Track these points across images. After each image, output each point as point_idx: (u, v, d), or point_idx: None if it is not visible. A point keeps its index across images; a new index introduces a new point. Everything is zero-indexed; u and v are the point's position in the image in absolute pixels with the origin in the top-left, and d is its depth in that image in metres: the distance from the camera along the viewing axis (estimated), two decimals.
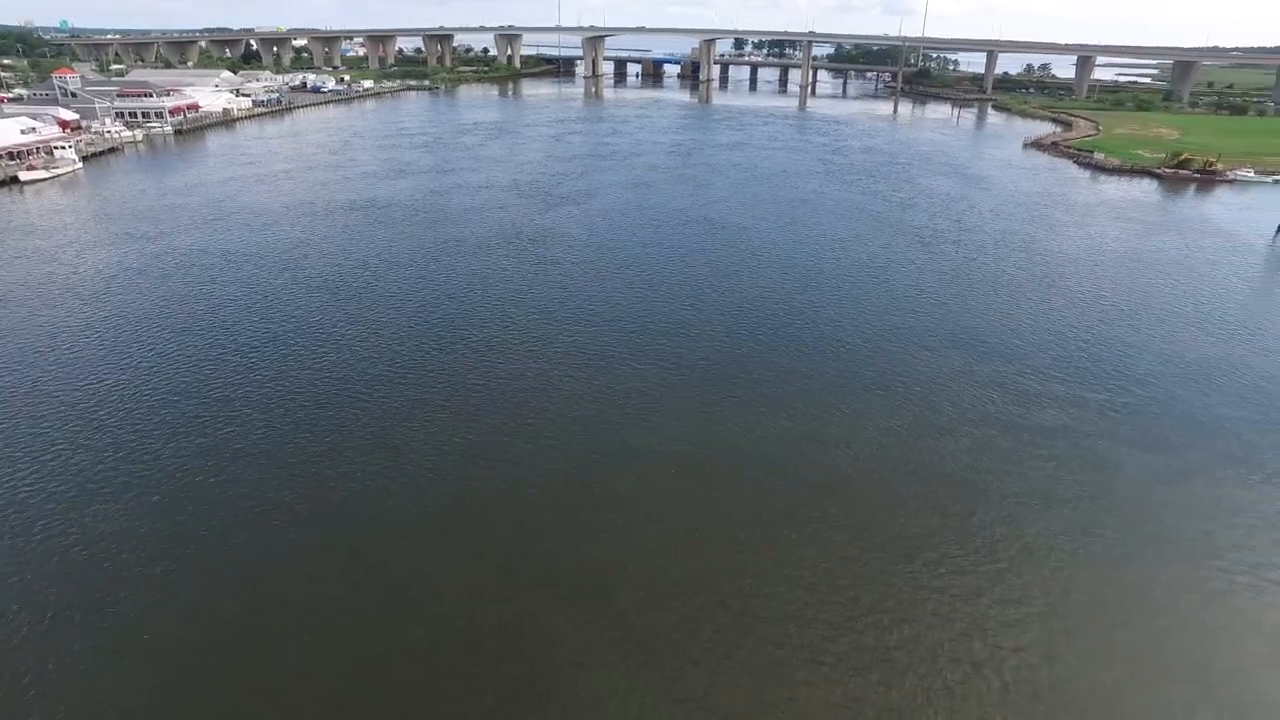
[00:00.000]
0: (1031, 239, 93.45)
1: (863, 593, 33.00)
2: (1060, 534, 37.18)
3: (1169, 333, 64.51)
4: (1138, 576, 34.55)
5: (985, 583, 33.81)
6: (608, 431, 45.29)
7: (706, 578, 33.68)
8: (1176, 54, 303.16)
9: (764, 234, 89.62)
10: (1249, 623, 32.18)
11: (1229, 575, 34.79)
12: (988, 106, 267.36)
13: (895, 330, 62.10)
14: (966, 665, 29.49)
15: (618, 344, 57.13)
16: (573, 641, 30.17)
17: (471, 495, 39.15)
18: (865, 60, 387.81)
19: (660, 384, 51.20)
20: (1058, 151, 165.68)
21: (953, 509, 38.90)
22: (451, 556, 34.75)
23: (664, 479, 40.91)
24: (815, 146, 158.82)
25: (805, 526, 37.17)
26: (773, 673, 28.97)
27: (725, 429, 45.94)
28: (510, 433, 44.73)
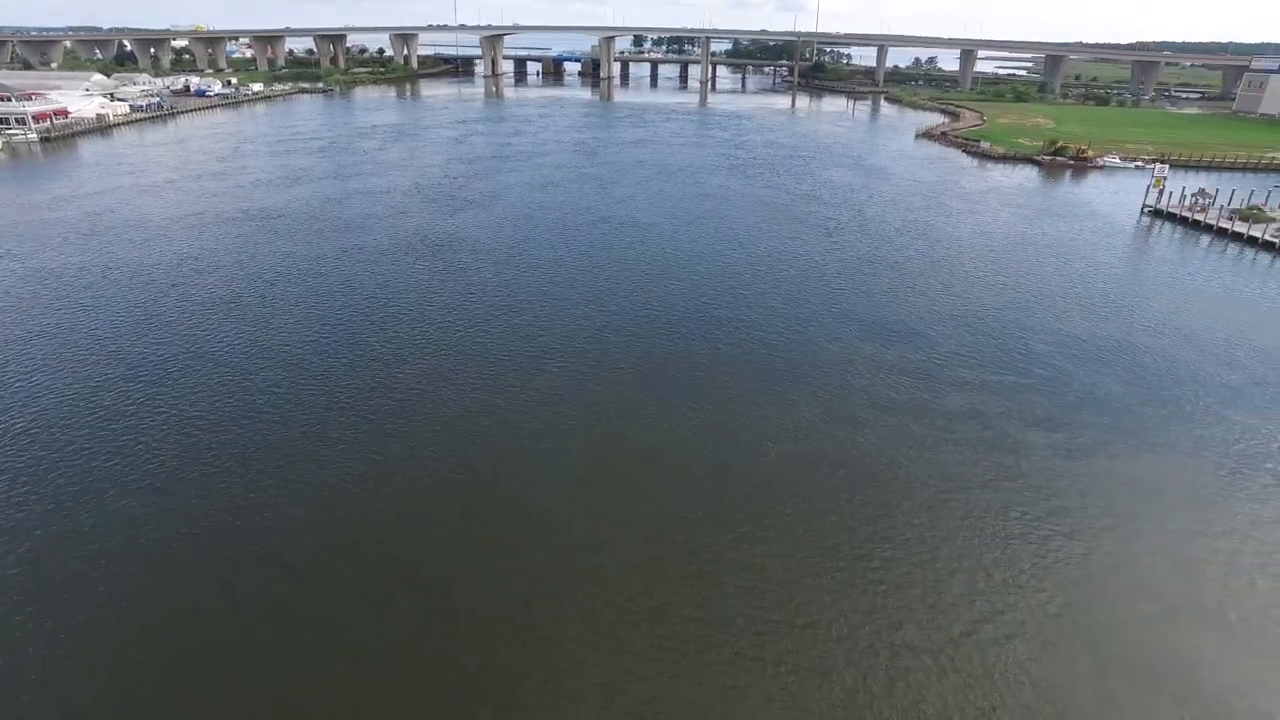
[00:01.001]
0: (930, 226, 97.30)
1: (794, 589, 33.30)
2: (979, 516, 38.43)
3: (1061, 313, 68.16)
4: (1051, 551, 36.10)
5: (915, 570, 34.63)
6: (521, 438, 44.48)
7: (630, 585, 33.41)
8: (1047, 49, 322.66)
9: (672, 231, 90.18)
10: (1147, 587, 34.08)
11: (1129, 544, 36.78)
12: (880, 99, 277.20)
13: (805, 322, 63.37)
14: (905, 654, 30.06)
15: (529, 348, 56.23)
16: (492, 669, 29.46)
17: (384, 512, 37.79)
18: (762, 55, 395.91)
19: (575, 387, 50.66)
20: (947, 141, 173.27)
21: (874, 499, 39.72)
22: (363, 576, 33.43)
23: (580, 485, 40.39)
24: (718, 141, 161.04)
25: (728, 526, 37.25)
26: (711, 677, 28.93)
27: (642, 431, 45.74)
28: (422, 444, 43.41)
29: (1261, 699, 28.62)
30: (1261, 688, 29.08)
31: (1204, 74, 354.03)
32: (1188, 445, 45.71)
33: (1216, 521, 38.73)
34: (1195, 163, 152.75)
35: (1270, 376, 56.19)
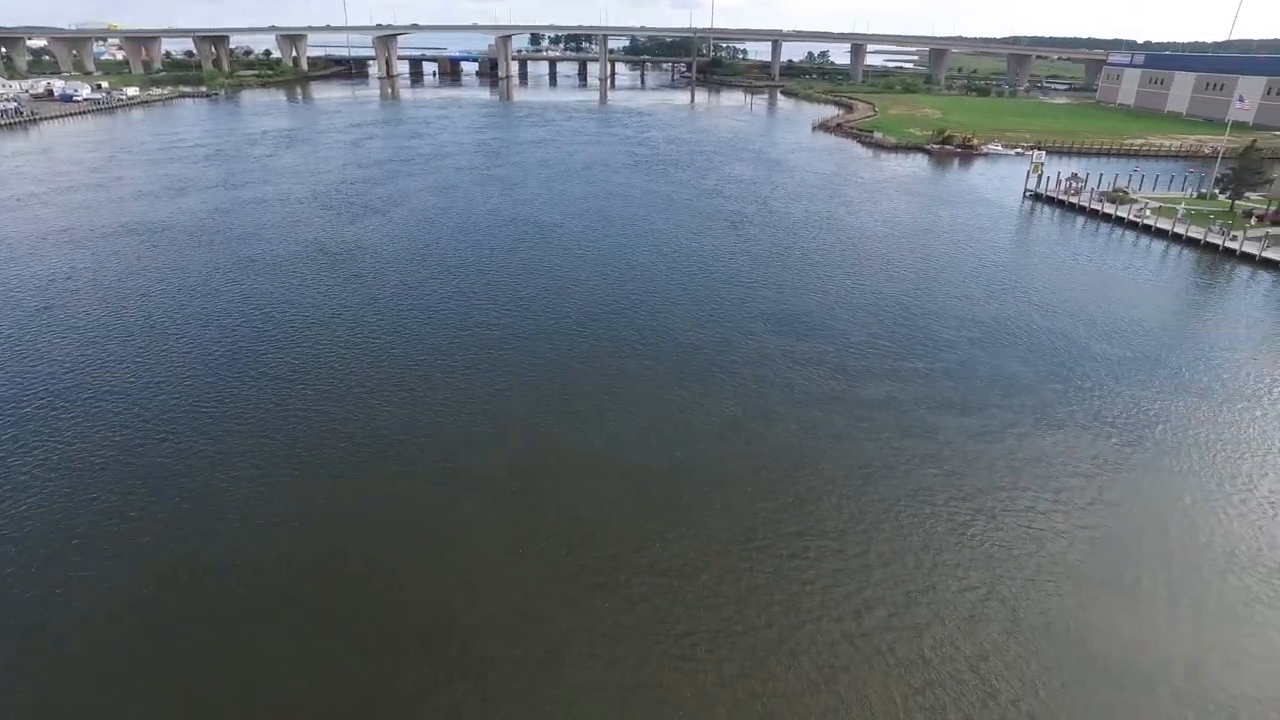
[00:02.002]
0: (833, 217, 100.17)
1: (723, 586, 33.54)
2: (901, 503, 39.51)
3: (962, 296, 71.28)
4: (970, 532, 37.55)
5: (843, 560, 35.35)
6: (436, 452, 43.38)
7: (555, 595, 33.11)
8: (931, 43, 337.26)
9: (578, 230, 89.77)
10: (1058, 559, 35.92)
11: (1040, 519, 38.65)
12: (777, 92, 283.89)
13: (716, 317, 64.02)
14: (844, 644, 30.62)
15: (438, 358, 54.82)
16: (420, 699, 28.66)
17: (296, 538, 36.18)
18: (660, 52, 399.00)
19: (487, 396, 49.60)
20: (842, 132, 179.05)
21: (798, 493, 40.30)
22: (266, 613, 31.96)
23: (498, 498, 39.50)
24: (620, 139, 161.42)
25: (650, 530, 37.14)
26: (646, 688, 28.94)
27: (559, 438, 45.16)
28: (328, 465, 41.79)
29: (1168, 662, 30.57)
30: (1168, 651, 31.06)
31: (1070, 67, 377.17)
32: (1085, 420, 48.43)
33: (1116, 492, 41.15)
34: (1068, 149, 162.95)
35: (1148, 349, 60.27)
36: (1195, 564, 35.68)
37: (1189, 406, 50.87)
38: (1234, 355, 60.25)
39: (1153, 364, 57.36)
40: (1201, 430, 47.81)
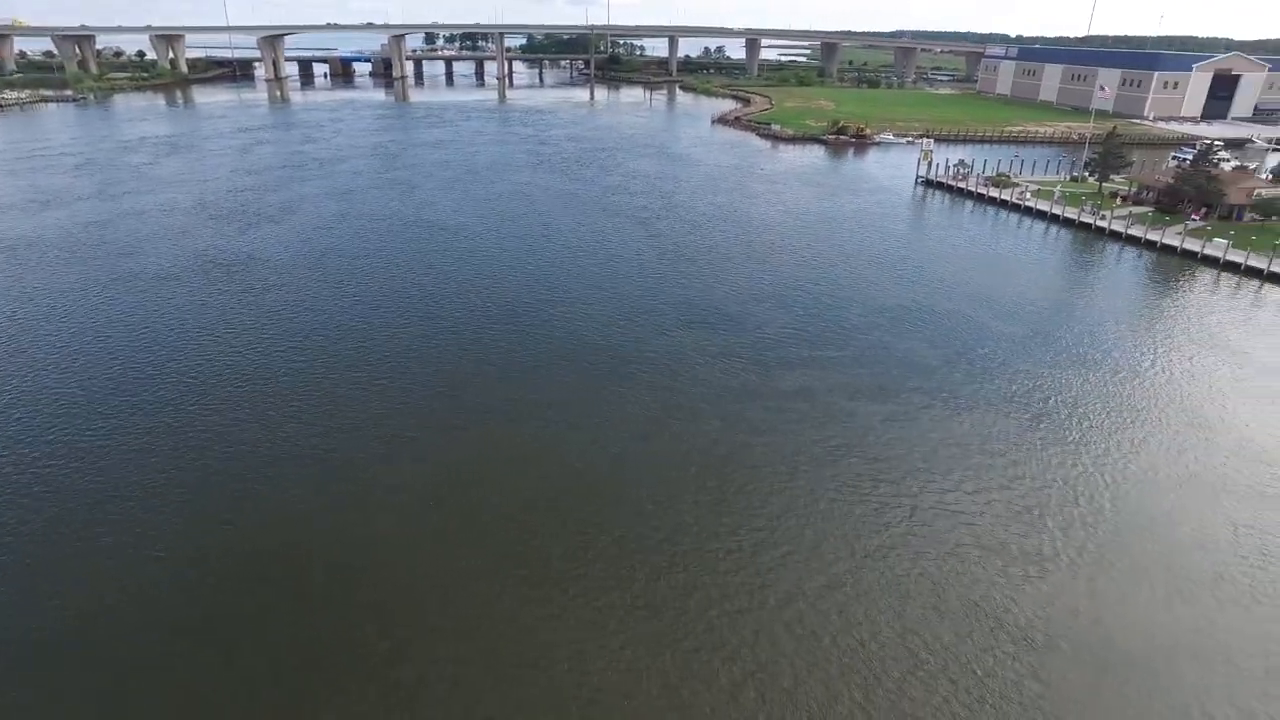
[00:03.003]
0: (738, 209, 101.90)
1: (658, 587, 33.59)
2: (823, 491, 40.31)
3: (868, 282, 73.70)
4: (892, 514, 38.72)
5: (772, 552, 35.86)
6: (344, 469, 41.76)
7: (485, 607, 32.48)
8: (823, 37, 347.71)
9: (483, 232, 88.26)
10: (979, 534, 37.59)
11: (960, 498, 40.33)
12: (675, 88, 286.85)
13: (628, 315, 63.93)
14: (783, 635, 31.14)
15: (343, 369, 52.81)
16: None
17: (196, 565, 34.31)
18: (558, 49, 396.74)
19: (397, 408, 48.12)
20: (741, 126, 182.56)
21: (720, 487, 40.60)
22: (185, 639, 30.27)
23: (416, 513, 38.47)
24: (521, 138, 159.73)
25: (579, 534, 36.83)
26: (585, 692, 28.78)
27: (473, 446, 44.31)
28: (227, 489, 39.77)
29: (1077, 624, 32.38)
30: (1076, 613, 32.86)
31: (952, 59, 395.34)
32: (993, 398, 50.71)
33: (1024, 466, 43.24)
34: (953, 137, 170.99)
35: (1042, 326, 63.82)
36: (1095, 529, 37.88)
37: (1082, 379, 54.08)
38: (1115, 328, 64.55)
39: (1047, 341, 60.71)
40: (1095, 401, 50.92)
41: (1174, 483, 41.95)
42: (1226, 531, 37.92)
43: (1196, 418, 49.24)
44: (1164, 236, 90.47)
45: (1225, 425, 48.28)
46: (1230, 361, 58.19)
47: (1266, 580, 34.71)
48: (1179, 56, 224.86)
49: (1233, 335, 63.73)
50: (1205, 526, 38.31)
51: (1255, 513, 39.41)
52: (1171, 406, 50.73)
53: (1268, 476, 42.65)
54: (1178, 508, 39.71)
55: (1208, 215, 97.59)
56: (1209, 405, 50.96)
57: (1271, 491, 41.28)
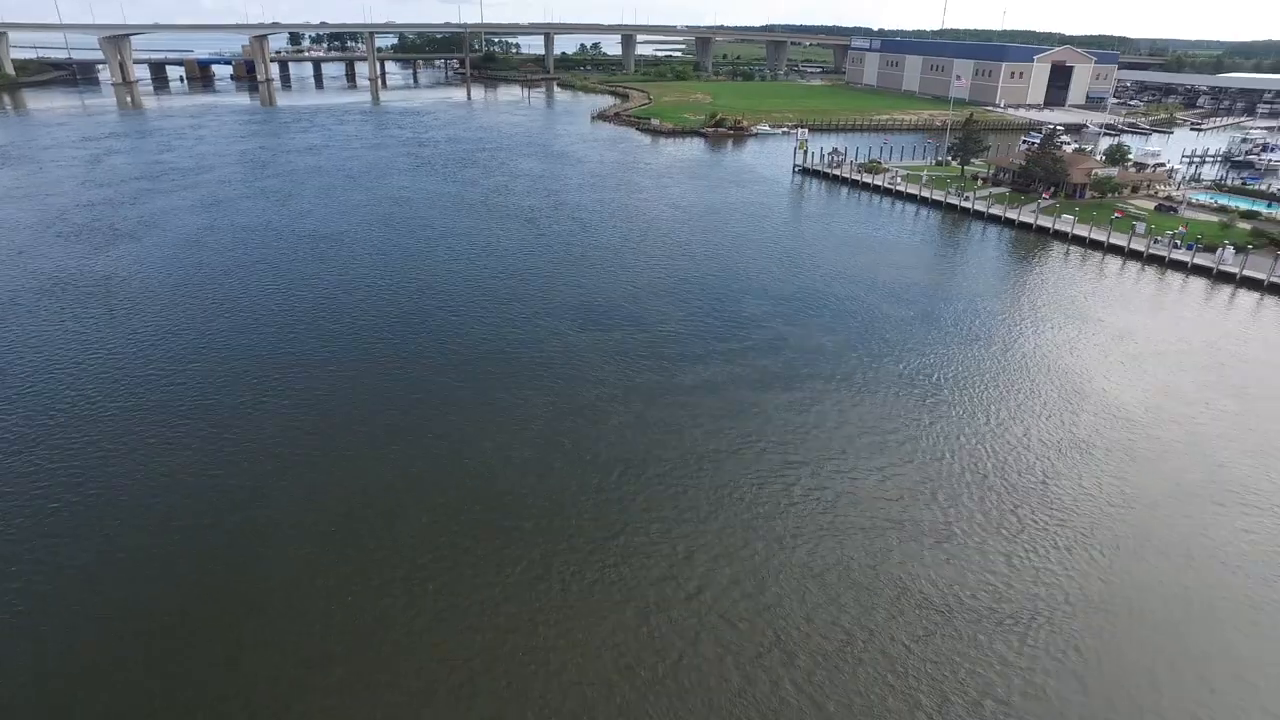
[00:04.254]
0: (625, 205, 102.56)
1: (572, 593, 33.66)
2: (735, 480, 41.18)
3: (760, 272, 75.68)
4: (802, 500, 40.01)
5: (687, 548, 36.46)
6: (229, 501, 39.49)
7: (398, 633, 31.67)
8: (697, 32, 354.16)
9: (365, 240, 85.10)
10: (882, 510, 39.49)
11: (865, 476, 42.17)
12: (553, 85, 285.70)
13: (522, 319, 63.02)
14: (697, 623, 31.76)
15: (223, 395, 49.71)
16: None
17: (74, 610, 31.90)
18: (431, 49, 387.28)
19: (282, 431, 45.70)
20: (621, 121, 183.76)
21: (632, 488, 40.81)
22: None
23: (316, 540, 36.79)
24: (399, 141, 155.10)
25: (490, 552, 36.24)
26: (471, 686, 28.50)
27: (367, 466, 42.67)
28: (100, 528, 37.05)
29: (977, 587, 34.54)
30: (975, 578, 35.10)
31: (821, 52, 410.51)
32: (890, 380, 53.04)
33: (922, 443, 45.60)
34: (826, 126, 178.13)
35: (926, 307, 67.49)
36: (982, 498, 40.49)
37: (964, 355, 57.53)
38: (989, 304, 69.12)
39: (931, 320, 64.23)
40: (977, 375, 54.32)
41: (1050, 447, 45.28)
42: (1096, 489, 41.30)
43: (1067, 384, 53.31)
44: (1020, 215, 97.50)
45: (1092, 390, 52.51)
46: (1090, 329, 63.30)
47: (1132, 530, 38.17)
48: (1022, 49, 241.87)
49: (1089, 305, 69.34)
50: (1080, 485, 41.59)
51: (1120, 469, 43.15)
52: (1044, 375, 54.64)
53: (1131, 435, 46.73)
54: (1054, 470, 42.90)
55: (1055, 194, 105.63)
56: (1077, 372, 55.24)
57: (1137, 449, 45.27)
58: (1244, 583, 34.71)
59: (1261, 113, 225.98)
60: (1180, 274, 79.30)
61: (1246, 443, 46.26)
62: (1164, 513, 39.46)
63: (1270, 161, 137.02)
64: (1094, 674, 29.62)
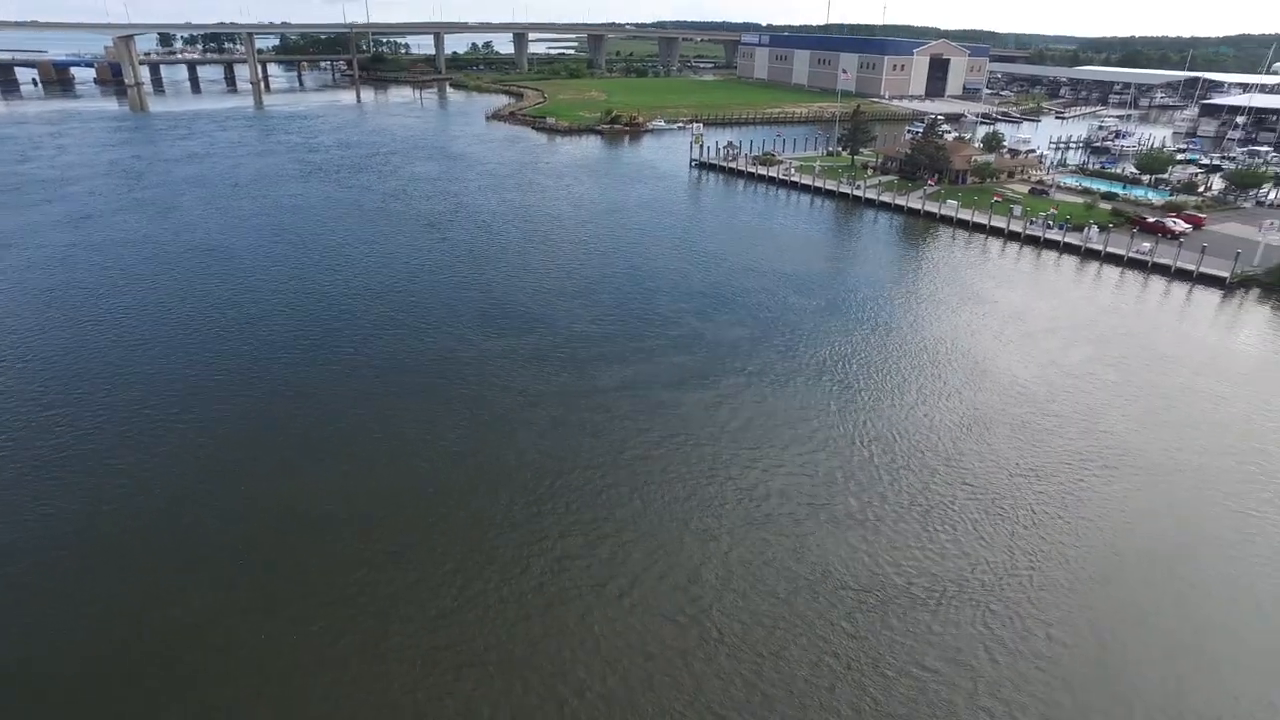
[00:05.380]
0: (527, 206, 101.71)
1: (480, 610, 33.26)
2: (657, 479, 41.48)
3: (669, 268, 76.41)
4: (721, 494, 40.72)
5: (610, 549, 36.55)
6: (124, 538, 37.33)
7: (319, 672, 30.79)
8: (589, 29, 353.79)
9: (257, 252, 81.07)
10: (798, 497, 40.68)
11: (782, 466, 43.25)
12: (446, 86, 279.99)
13: (427, 327, 61.51)
14: (625, 620, 32.09)
15: (98, 433, 46.13)
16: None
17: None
18: (316, 50, 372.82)
19: (180, 459, 43.34)
20: (517, 121, 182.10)
21: (549, 497, 40.52)
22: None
23: (218, 576, 35.21)
24: (288, 147, 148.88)
25: (410, 576, 35.52)
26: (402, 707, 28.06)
27: (273, 490, 41.02)
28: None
29: (882, 566, 36.15)
30: (884, 554, 36.69)
31: (712, 48, 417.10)
32: (802, 371, 54.36)
33: (833, 430, 47.08)
34: (720, 120, 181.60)
35: (833, 296, 69.80)
36: (895, 483, 42.22)
37: (871, 342, 59.80)
38: (890, 290, 72.29)
39: (837, 310, 66.49)
40: (885, 360, 56.59)
41: (956, 426, 47.68)
42: (1001, 463, 43.81)
43: (968, 363, 56.28)
44: (909, 201, 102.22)
45: (993, 368, 55.61)
46: (984, 311, 67.01)
47: (1035, 499, 40.79)
48: (902, 43, 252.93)
49: (981, 286, 73.41)
50: (986, 460, 44.03)
51: (1021, 442, 45.91)
52: (947, 357, 57.45)
53: (1029, 410, 49.77)
54: (961, 448, 45.18)
55: (940, 180, 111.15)
56: (977, 353, 58.35)
57: (1034, 423, 48.21)
58: (1137, 537, 37.65)
59: (1113, 102, 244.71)
60: (1054, 252, 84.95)
61: (1128, 410, 50.11)
62: (1062, 480, 42.25)
63: (1122, 147, 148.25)
64: (1010, 637, 31.53)
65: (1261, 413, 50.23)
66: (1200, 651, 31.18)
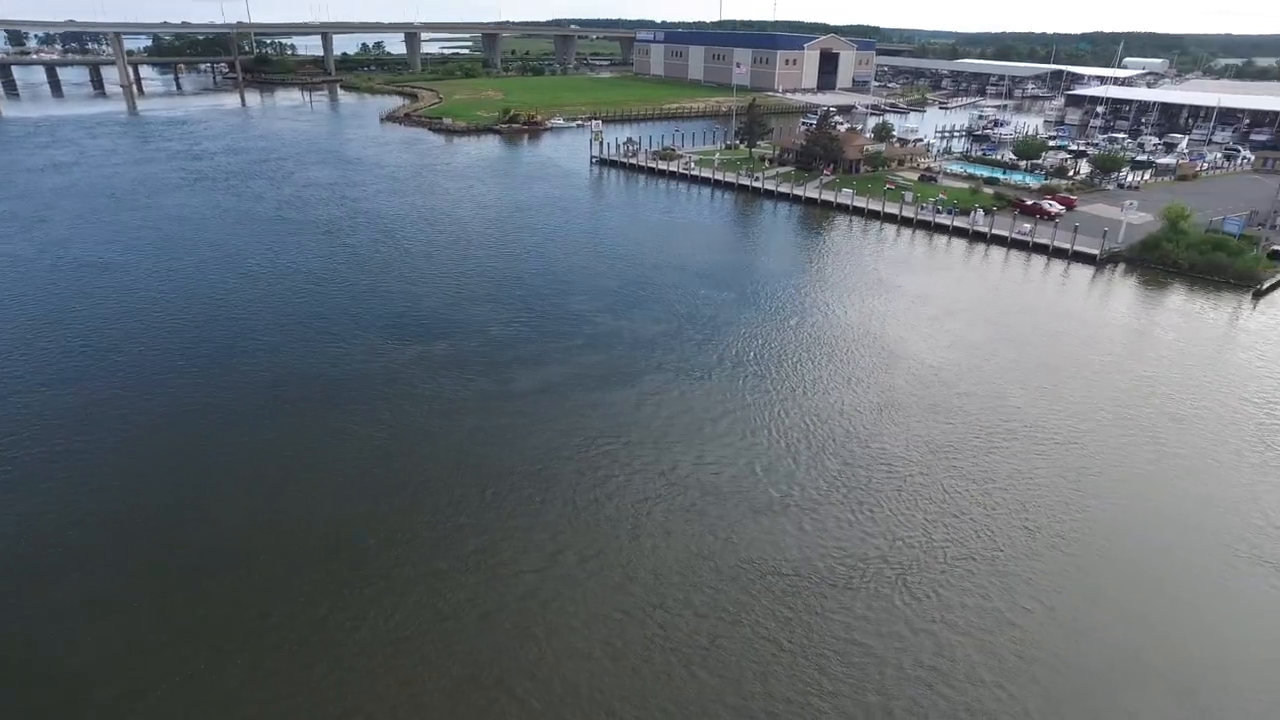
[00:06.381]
0: (430, 209, 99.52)
1: (403, 626, 32.65)
2: (584, 481, 41.26)
3: (580, 267, 76.24)
4: (646, 490, 41.08)
5: (539, 556, 36.45)
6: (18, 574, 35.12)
7: (217, 678, 29.53)
8: (483, 28, 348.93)
9: (144, 268, 75.83)
10: (713, 487, 41.41)
11: (701, 458, 44.12)
12: (336, 88, 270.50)
13: (332, 339, 59.13)
14: (552, 620, 31.81)
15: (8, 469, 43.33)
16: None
17: None
18: (194, 51, 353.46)
19: (62, 494, 40.64)
20: (412, 122, 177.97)
21: (474, 508, 39.93)
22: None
23: (128, 621, 33.28)
24: (169, 154, 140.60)
25: (328, 595, 34.53)
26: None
27: (172, 521, 38.92)
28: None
29: (808, 550, 37.17)
30: (809, 539, 37.79)
31: (608, 45, 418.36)
32: (720, 364, 55.03)
33: (748, 422, 47.93)
34: (619, 117, 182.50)
35: (744, 288, 70.96)
36: (819, 465, 43.55)
37: (785, 332, 61.25)
38: (798, 279, 74.44)
39: (749, 301, 67.80)
40: (799, 350, 58.01)
41: (872, 409, 49.47)
42: (914, 444, 45.68)
43: (880, 348, 58.46)
44: (806, 191, 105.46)
45: (903, 352, 57.87)
46: (890, 296, 69.78)
47: (948, 474, 42.83)
48: (793, 38, 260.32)
49: (884, 272, 76.48)
50: (900, 441, 45.82)
51: (933, 422, 48.03)
52: (859, 343, 59.47)
53: (939, 391, 52.11)
54: (878, 431, 46.91)
55: (835, 170, 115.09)
56: (887, 336, 60.69)
57: (944, 403, 50.47)
58: (1043, 503, 40.12)
59: (990, 93, 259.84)
60: (945, 236, 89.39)
61: (1028, 384, 53.25)
62: (970, 454, 44.50)
63: (1001, 135, 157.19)
64: (931, 609, 33.06)
65: (1141, 380, 54.39)
66: (1103, 607, 33.53)
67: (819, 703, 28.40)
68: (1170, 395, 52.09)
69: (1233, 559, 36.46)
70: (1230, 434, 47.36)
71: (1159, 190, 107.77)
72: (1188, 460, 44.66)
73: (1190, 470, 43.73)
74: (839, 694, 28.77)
